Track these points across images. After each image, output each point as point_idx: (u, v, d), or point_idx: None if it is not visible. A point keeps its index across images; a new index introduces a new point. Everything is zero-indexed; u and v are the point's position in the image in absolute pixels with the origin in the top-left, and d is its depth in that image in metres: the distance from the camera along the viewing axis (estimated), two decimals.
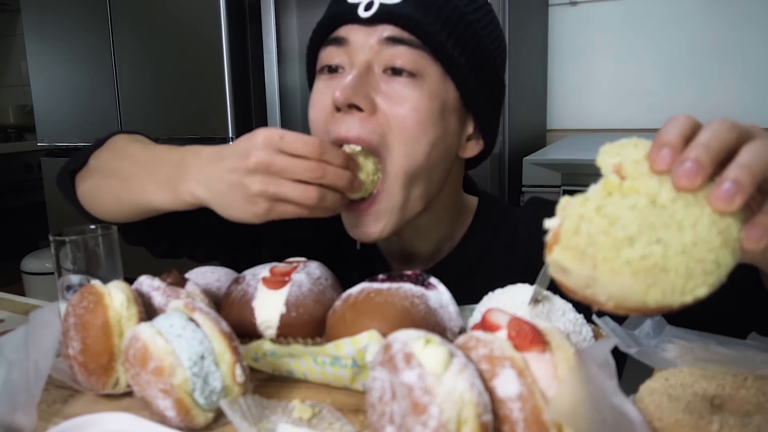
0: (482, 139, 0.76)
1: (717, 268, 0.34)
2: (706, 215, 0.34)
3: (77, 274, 0.68)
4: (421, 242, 0.79)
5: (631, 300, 0.34)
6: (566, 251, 0.36)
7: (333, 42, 0.70)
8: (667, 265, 0.33)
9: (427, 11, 0.67)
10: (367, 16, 0.66)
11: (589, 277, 0.35)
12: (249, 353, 0.61)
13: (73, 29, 2.48)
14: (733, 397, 0.45)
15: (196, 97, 2.24)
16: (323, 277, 0.65)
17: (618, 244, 0.34)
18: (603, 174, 0.38)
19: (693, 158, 0.35)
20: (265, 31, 2.05)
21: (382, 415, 0.43)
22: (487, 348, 0.45)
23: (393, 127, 0.67)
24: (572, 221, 0.36)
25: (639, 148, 0.38)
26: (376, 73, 0.68)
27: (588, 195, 0.37)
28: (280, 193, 0.60)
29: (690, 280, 0.34)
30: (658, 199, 0.35)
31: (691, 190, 0.35)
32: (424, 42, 0.67)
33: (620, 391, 0.41)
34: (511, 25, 1.82)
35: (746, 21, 2.04)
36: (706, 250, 0.34)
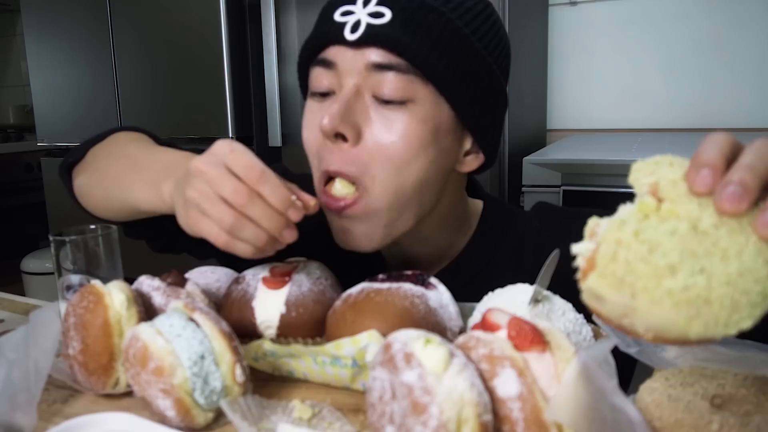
0: (482, 152, 0.72)
1: (764, 299, 0.32)
2: (751, 243, 0.33)
3: (77, 274, 0.68)
4: (422, 250, 0.78)
5: (672, 332, 0.33)
6: (603, 279, 0.34)
7: (321, 63, 0.67)
8: (710, 297, 0.32)
9: (417, 31, 0.63)
10: (354, 39, 0.63)
11: (627, 306, 0.33)
12: (249, 353, 0.61)
13: (73, 29, 2.48)
14: (734, 397, 0.45)
15: (196, 97, 2.24)
16: (323, 277, 0.65)
17: (659, 273, 0.32)
18: (637, 193, 0.37)
19: (737, 181, 0.33)
20: (265, 31, 2.05)
21: (382, 415, 0.43)
22: (487, 348, 0.45)
23: (381, 155, 0.64)
24: (609, 246, 0.34)
25: (675, 168, 0.37)
26: (365, 99, 0.65)
27: (623, 217, 0.35)
28: (201, 206, 0.55)
29: (735, 313, 0.32)
30: (699, 224, 0.33)
31: (735, 216, 0.33)
32: (413, 65, 0.63)
33: (620, 391, 0.41)
34: (511, 25, 1.82)
35: (746, 21, 2.04)
36: (752, 281, 0.32)
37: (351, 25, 0.64)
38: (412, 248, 0.77)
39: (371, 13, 0.63)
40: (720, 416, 0.41)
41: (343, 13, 0.65)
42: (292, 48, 2.07)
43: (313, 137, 0.68)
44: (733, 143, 0.37)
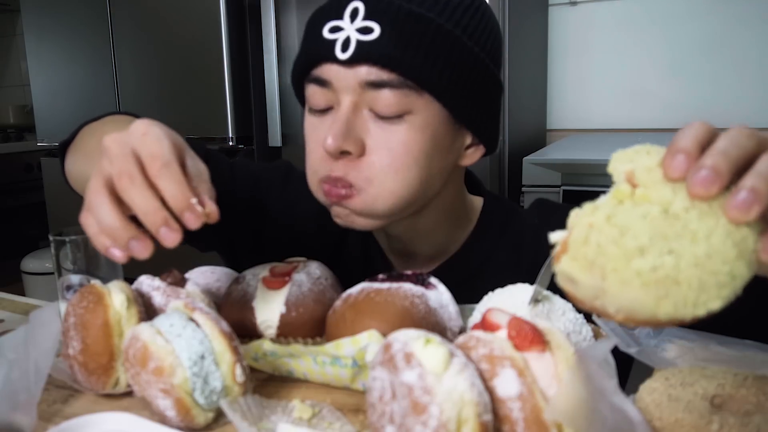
0: (482, 144, 0.73)
1: (732, 280, 0.33)
2: (721, 226, 0.33)
3: (77, 274, 0.68)
4: (422, 244, 0.79)
5: (641, 313, 0.33)
6: (575, 261, 0.35)
7: (316, 81, 0.67)
8: (679, 277, 0.32)
9: (408, 44, 0.63)
10: (345, 58, 0.63)
11: (598, 288, 0.34)
12: (249, 353, 0.61)
13: (73, 29, 2.48)
14: (733, 397, 0.45)
15: (196, 97, 2.24)
16: (323, 276, 0.65)
17: (628, 255, 0.33)
18: (615, 181, 0.37)
19: (709, 165, 0.34)
20: (265, 31, 2.05)
21: (382, 415, 0.43)
22: (487, 348, 0.45)
23: (384, 165, 0.66)
24: (581, 230, 0.35)
25: (652, 155, 0.37)
26: (363, 114, 0.66)
27: (598, 204, 0.36)
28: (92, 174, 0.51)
29: (703, 293, 0.32)
30: (671, 208, 0.34)
31: (706, 199, 0.34)
32: (407, 78, 0.64)
33: (620, 391, 0.41)
34: (511, 25, 1.82)
35: (746, 21, 2.04)
36: (720, 262, 0.32)
37: (341, 43, 0.64)
38: (413, 243, 0.78)
39: (360, 28, 0.63)
40: (720, 416, 0.41)
41: (331, 29, 0.65)
42: (292, 48, 2.07)
43: (317, 149, 0.68)
44: (709, 131, 0.37)
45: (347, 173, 0.66)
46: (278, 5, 2.03)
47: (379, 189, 0.66)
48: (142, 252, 0.49)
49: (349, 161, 0.66)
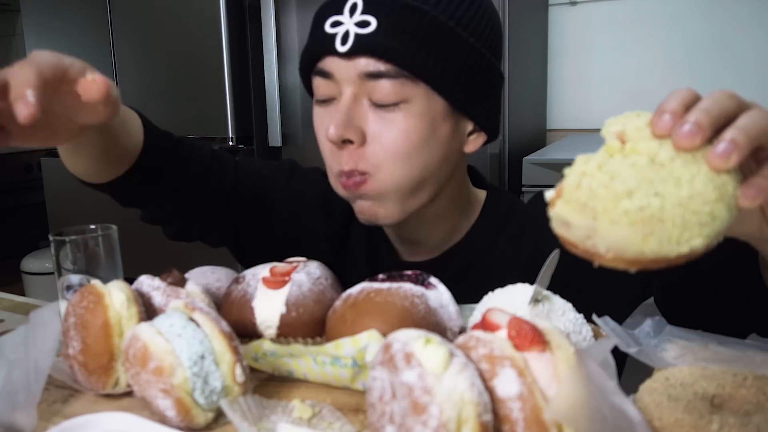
0: (483, 131, 0.76)
1: (712, 220, 0.35)
2: (703, 172, 0.36)
3: (77, 274, 0.68)
4: (428, 232, 0.81)
5: (629, 250, 0.35)
6: (568, 204, 0.37)
7: (319, 74, 0.71)
8: (663, 216, 0.35)
9: (403, 36, 0.66)
10: (345, 51, 0.67)
11: (589, 228, 0.36)
12: (249, 353, 0.61)
13: (73, 29, 2.48)
14: (733, 397, 0.45)
15: (196, 97, 2.24)
16: (323, 276, 0.66)
17: (617, 197, 0.35)
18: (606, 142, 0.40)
19: (693, 120, 0.37)
20: (265, 31, 2.05)
21: (382, 415, 0.43)
22: (487, 348, 0.45)
23: (385, 153, 0.69)
24: (575, 177, 0.37)
25: (642, 118, 0.40)
26: (363, 104, 0.69)
27: (590, 155, 0.39)
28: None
29: (686, 231, 0.35)
30: (657, 158, 0.37)
31: (689, 150, 0.37)
32: (403, 68, 0.67)
33: (620, 391, 0.41)
34: (511, 25, 1.82)
35: (746, 20, 2.04)
36: (701, 203, 0.35)
37: (341, 36, 0.67)
38: (419, 231, 0.80)
39: (358, 22, 0.67)
40: (720, 416, 0.41)
41: (332, 24, 0.69)
42: (292, 48, 2.07)
43: (324, 141, 0.73)
44: (694, 94, 0.40)
45: (356, 164, 0.70)
46: (278, 5, 2.03)
47: (387, 173, 0.70)
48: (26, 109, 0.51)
49: (353, 152, 0.70)
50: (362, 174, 0.70)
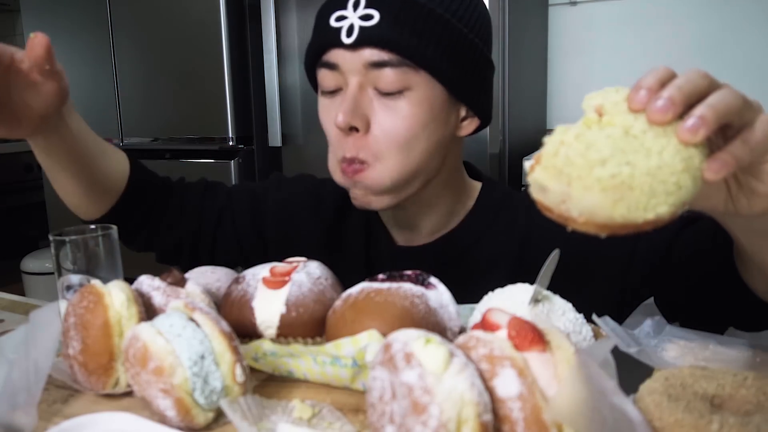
0: (476, 116, 0.80)
1: (678, 189, 0.38)
2: (672, 145, 0.39)
3: (77, 274, 0.68)
4: (425, 216, 0.84)
5: (600, 214, 0.38)
6: (545, 170, 0.40)
7: (325, 66, 0.75)
8: (633, 184, 0.37)
9: (404, 27, 0.71)
10: (350, 42, 0.71)
11: (564, 193, 0.39)
12: (249, 353, 0.61)
13: (73, 29, 2.48)
14: (733, 397, 0.45)
15: (196, 97, 2.24)
16: (323, 276, 0.66)
17: (591, 164, 0.38)
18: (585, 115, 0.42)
19: (666, 96, 0.40)
20: (265, 31, 2.05)
21: (382, 415, 0.43)
22: (487, 348, 0.45)
23: (388, 139, 0.73)
24: (553, 145, 0.40)
25: (620, 93, 0.42)
26: (368, 93, 0.73)
27: (569, 126, 0.41)
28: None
29: (653, 198, 0.38)
30: (631, 130, 0.39)
31: (662, 124, 0.40)
32: (405, 58, 0.71)
33: (620, 391, 0.41)
34: (511, 25, 1.82)
35: (746, 21, 2.04)
36: (669, 173, 0.38)
37: (346, 29, 0.72)
38: (417, 217, 0.84)
39: (361, 16, 0.71)
40: (720, 416, 0.41)
41: (337, 18, 0.73)
42: (292, 48, 2.07)
43: (330, 129, 0.77)
44: (670, 73, 0.43)
45: (358, 152, 0.74)
46: (278, 5, 2.03)
47: (386, 162, 0.74)
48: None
49: (357, 139, 0.74)
50: (361, 162, 0.74)
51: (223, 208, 0.94)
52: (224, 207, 0.94)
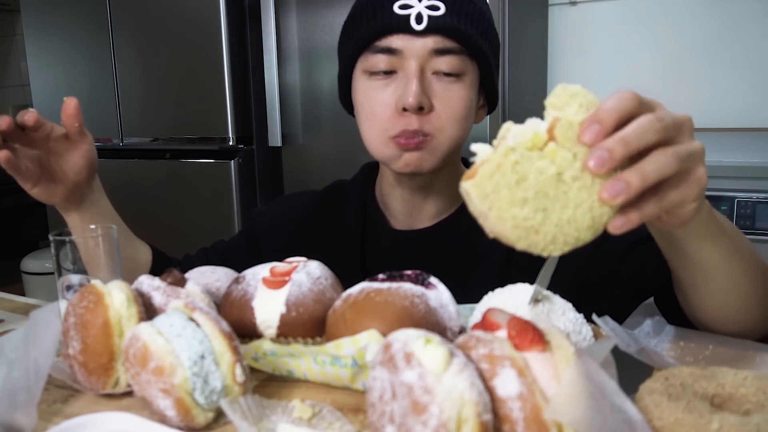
0: (487, 104, 0.89)
1: (576, 242, 0.43)
2: (589, 201, 0.42)
3: (77, 274, 0.68)
4: (431, 200, 0.90)
5: (504, 240, 0.44)
6: (476, 188, 0.43)
7: (383, 51, 0.80)
8: (539, 230, 0.43)
9: (465, 20, 0.79)
10: (420, 29, 0.77)
11: (483, 213, 0.44)
12: (249, 353, 0.61)
13: (73, 29, 2.48)
14: (733, 397, 0.45)
15: (196, 97, 2.24)
16: (323, 276, 0.66)
17: (513, 202, 0.42)
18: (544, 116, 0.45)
19: (609, 148, 0.41)
20: (265, 31, 2.05)
21: (382, 415, 0.43)
22: (487, 347, 0.45)
23: (448, 118, 0.81)
24: (491, 167, 0.43)
25: (581, 111, 0.44)
26: (428, 76, 0.80)
27: (515, 146, 0.43)
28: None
29: (552, 245, 0.43)
30: (564, 174, 0.42)
31: (594, 174, 0.42)
32: (464, 47, 0.79)
33: (620, 391, 0.41)
34: (511, 25, 1.82)
35: (746, 21, 2.04)
36: (574, 228, 0.42)
37: (415, 17, 0.78)
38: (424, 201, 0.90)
39: (428, 6, 0.78)
40: (720, 416, 0.41)
41: (401, 6, 0.78)
42: (292, 48, 2.07)
43: (383, 109, 0.81)
44: (632, 108, 0.44)
45: (422, 126, 0.80)
46: (278, 5, 2.03)
47: (447, 135, 0.82)
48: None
49: (421, 116, 0.80)
50: (425, 135, 0.80)
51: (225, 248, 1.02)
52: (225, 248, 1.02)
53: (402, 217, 0.92)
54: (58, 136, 0.79)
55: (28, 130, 0.76)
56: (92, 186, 0.85)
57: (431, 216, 0.91)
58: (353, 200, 0.95)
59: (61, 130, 0.79)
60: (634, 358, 0.55)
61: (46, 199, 0.82)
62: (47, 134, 0.78)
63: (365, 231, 0.93)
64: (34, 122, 0.75)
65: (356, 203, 0.94)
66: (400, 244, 0.91)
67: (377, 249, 0.92)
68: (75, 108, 0.79)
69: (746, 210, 1.56)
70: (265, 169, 2.31)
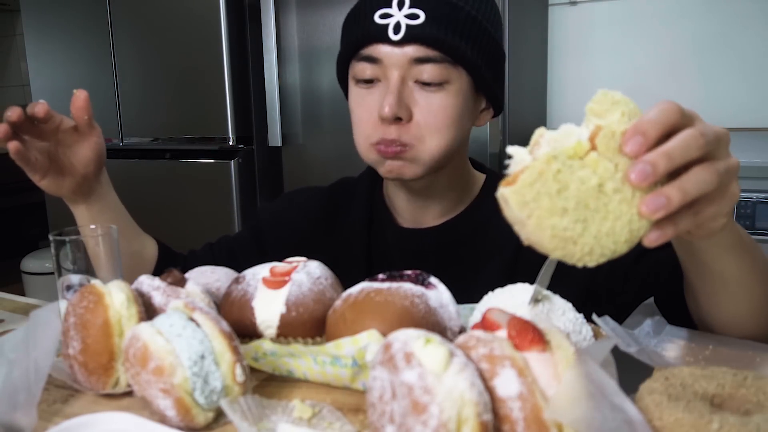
0: (491, 107, 0.87)
1: (612, 254, 0.43)
2: (630, 214, 0.42)
3: (77, 274, 0.68)
4: (436, 200, 0.90)
5: (541, 249, 0.43)
6: (515, 195, 0.43)
7: (366, 59, 0.80)
8: (577, 241, 0.42)
9: (447, 28, 0.77)
10: (397, 39, 0.76)
11: (521, 221, 0.43)
12: (249, 353, 0.61)
13: (73, 29, 2.48)
14: (733, 396, 0.45)
15: (196, 97, 2.24)
16: (323, 276, 0.66)
17: (553, 211, 0.42)
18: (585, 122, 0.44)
19: (651, 162, 0.41)
20: (265, 31, 2.05)
21: (382, 415, 0.43)
22: (487, 347, 0.45)
23: (429, 128, 0.79)
24: (532, 175, 0.42)
25: (623, 120, 0.43)
26: (409, 86, 0.79)
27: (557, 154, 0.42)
28: None
29: (587, 256, 0.42)
30: (605, 186, 0.42)
31: (636, 187, 0.42)
32: (447, 55, 0.77)
33: (620, 391, 0.41)
34: (511, 25, 1.82)
35: (746, 20, 2.04)
36: (612, 242, 0.42)
37: (393, 26, 0.77)
38: (426, 202, 0.90)
39: (407, 15, 0.77)
40: (720, 416, 0.41)
41: (381, 15, 0.78)
42: (292, 48, 2.07)
43: (367, 117, 0.82)
44: (677, 119, 0.43)
45: (400, 135, 0.79)
46: (278, 5, 2.03)
47: (428, 145, 0.80)
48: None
49: (400, 126, 0.79)
50: (403, 145, 0.80)
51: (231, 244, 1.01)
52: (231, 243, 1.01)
53: (408, 215, 0.92)
54: (67, 128, 0.79)
55: (38, 121, 0.76)
56: (100, 179, 0.86)
57: (437, 215, 0.91)
58: (360, 197, 0.95)
59: (70, 122, 0.80)
60: (634, 358, 0.55)
61: (54, 191, 0.82)
62: (57, 126, 0.78)
63: (372, 228, 0.93)
64: (45, 114, 0.75)
65: (363, 200, 0.95)
66: (407, 242, 0.91)
67: (384, 246, 0.92)
68: (84, 100, 0.80)
69: (746, 210, 1.56)
70: (265, 169, 2.31)
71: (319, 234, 0.96)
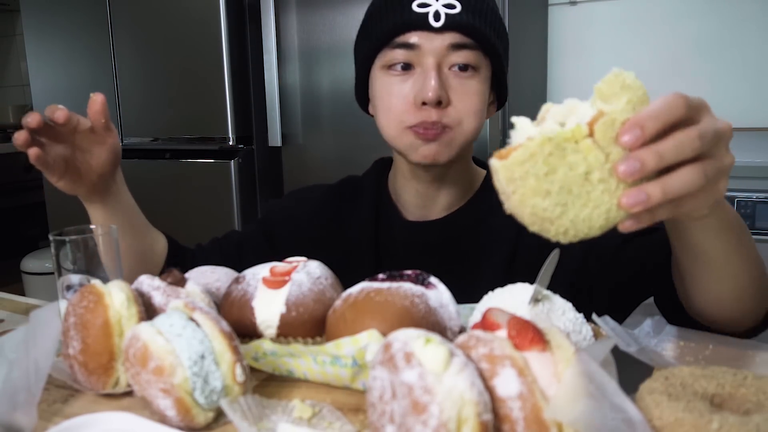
0: (496, 101, 0.92)
1: (585, 236, 0.45)
2: (609, 204, 0.43)
3: (77, 274, 0.68)
4: (445, 191, 0.92)
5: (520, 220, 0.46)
6: (505, 170, 0.45)
7: (401, 46, 0.83)
8: (554, 221, 0.44)
9: (480, 17, 0.82)
10: (438, 26, 0.81)
11: (506, 193, 0.45)
12: (249, 353, 0.61)
13: (73, 29, 2.48)
14: (733, 396, 0.45)
15: (196, 97, 2.24)
16: (323, 276, 0.66)
17: (536, 191, 0.44)
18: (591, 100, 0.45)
19: (641, 159, 0.42)
20: (265, 31, 2.05)
21: (382, 415, 0.43)
22: (487, 347, 0.45)
23: (466, 111, 0.84)
24: (524, 154, 0.44)
25: (627, 108, 0.43)
26: (444, 72, 0.83)
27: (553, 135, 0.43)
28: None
29: (562, 235, 0.45)
30: (591, 174, 0.43)
31: (621, 180, 0.42)
32: (479, 43, 0.83)
33: (620, 391, 0.41)
34: (511, 25, 1.82)
35: (746, 21, 2.04)
36: (587, 227, 0.44)
37: (432, 14, 0.81)
38: (437, 192, 0.92)
39: (445, 4, 0.82)
40: (720, 416, 0.41)
41: (419, 5, 0.82)
42: (292, 48, 2.07)
43: (401, 102, 0.84)
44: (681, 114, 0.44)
45: (441, 118, 0.83)
46: (278, 5, 2.03)
47: (464, 127, 0.85)
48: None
49: (440, 109, 0.82)
50: (444, 127, 0.83)
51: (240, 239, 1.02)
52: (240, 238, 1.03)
53: (415, 209, 0.94)
54: (84, 131, 0.81)
55: (56, 126, 0.77)
56: (116, 178, 0.87)
57: (444, 207, 0.93)
58: (367, 193, 0.98)
59: (87, 124, 0.81)
60: (634, 358, 0.55)
61: (71, 191, 0.84)
62: (74, 128, 0.80)
63: (379, 223, 0.95)
64: (65, 120, 0.76)
65: (370, 196, 0.97)
66: (414, 235, 0.93)
67: (391, 240, 0.94)
68: (101, 104, 0.82)
69: (746, 210, 1.56)
70: (265, 169, 2.31)
71: (328, 231, 0.97)
